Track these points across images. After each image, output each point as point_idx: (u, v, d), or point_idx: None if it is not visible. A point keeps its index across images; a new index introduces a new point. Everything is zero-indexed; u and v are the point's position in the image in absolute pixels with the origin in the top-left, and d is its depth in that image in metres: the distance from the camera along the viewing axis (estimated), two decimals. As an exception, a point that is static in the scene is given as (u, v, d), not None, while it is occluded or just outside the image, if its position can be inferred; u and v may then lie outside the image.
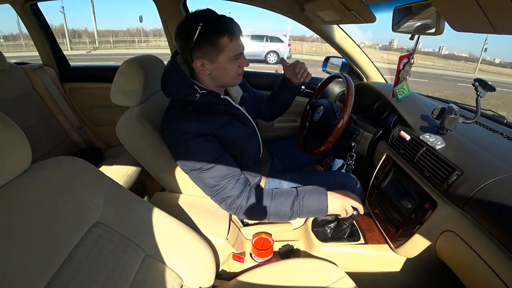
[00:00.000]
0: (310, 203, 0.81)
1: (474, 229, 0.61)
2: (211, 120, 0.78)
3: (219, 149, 0.79)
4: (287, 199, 0.81)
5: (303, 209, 0.81)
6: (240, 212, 0.80)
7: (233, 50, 0.75)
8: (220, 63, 0.76)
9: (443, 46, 35.56)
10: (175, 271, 0.67)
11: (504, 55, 49.63)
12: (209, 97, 0.79)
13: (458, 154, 0.72)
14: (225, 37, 0.72)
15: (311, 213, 0.84)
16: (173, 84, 0.79)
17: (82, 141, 1.66)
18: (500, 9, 0.40)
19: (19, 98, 1.38)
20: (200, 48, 0.73)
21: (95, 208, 0.57)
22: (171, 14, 1.43)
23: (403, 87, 1.01)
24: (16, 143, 0.47)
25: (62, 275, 0.47)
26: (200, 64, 0.75)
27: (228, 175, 0.78)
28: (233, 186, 0.78)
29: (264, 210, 0.81)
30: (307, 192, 0.83)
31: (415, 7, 0.84)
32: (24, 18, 1.49)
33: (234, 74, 0.80)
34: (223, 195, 0.79)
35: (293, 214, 0.81)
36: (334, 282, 0.74)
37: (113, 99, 0.89)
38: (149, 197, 1.58)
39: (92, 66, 1.80)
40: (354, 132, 1.03)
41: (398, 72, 0.97)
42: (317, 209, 0.82)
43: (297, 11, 1.26)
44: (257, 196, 0.81)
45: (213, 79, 0.80)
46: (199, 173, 0.77)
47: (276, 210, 0.81)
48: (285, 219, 0.84)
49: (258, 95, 1.14)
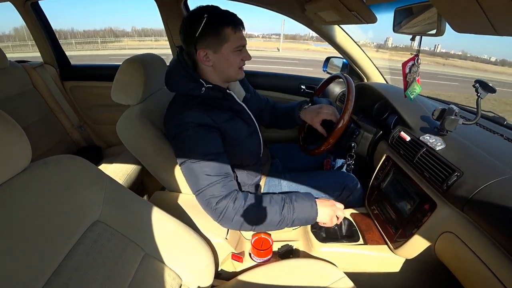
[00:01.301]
0: (300, 208, 0.77)
1: (474, 231, 0.61)
2: (216, 113, 0.78)
3: (219, 145, 0.78)
4: (276, 203, 0.77)
5: (294, 213, 0.76)
6: (225, 216, 0.74)
7: (236, 40, 0.76)
8: (224, 54, 0.77)
9: (438, 44, 35.65)
10: (174, 271, 0.67)
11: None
12: (214, 92, 0.79)
13: (458, 155, 0.72)
14: (229, 28, 0.74)
15: (300, 219, 0.78)
16: (179, 78, 0.79)
17: (82, 139, 1.66)
18: (501, 10, 0.39)
19: (19, 97, 1.38)
20: (204, 38, 0.74)
21: (95, 207, 0.58)
22: (172, 14, 1.43)
23: (414, 87, 1.00)
24: (16, 141, 0.47)
25: (61, 274, 0.47)
26: (203, 54, 0.76)
27: (220, 174, 0.75)
28: (222, 187, 0.74)
29: (252, 214, 0.75)
30: (298, 197, 0.80)
31: (416, 8, 0.84)
32: (25, 16, 1.49)
33: (236, 67, 0.80)
34: (209, 192, 0.73)
35: (283, 220, 0.76)
36: (333, 282, 0.74)
37: (114, 98, 0.89)
38: (149, 196, 1.58)
39: (92, 65, 1.81)
40: (354, 132, 1.03)
41: (405, 77, 0.96)
42: (307, 215, 0.78)
43: (298, 11, 1.26)
44: (245, 198, 0.76)
45: (216, 71, 0.81)
46: (192, 163, 0.74)
47: (265, 214, 0.75)
48: (273, 226, 0.77)
49: (261, 98, 1.13)
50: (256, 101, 1.06)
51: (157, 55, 1.00)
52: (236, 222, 0.75)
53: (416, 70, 0.97)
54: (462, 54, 34.88)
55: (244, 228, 0.76)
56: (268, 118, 1.15)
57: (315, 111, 0.98)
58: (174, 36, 1.52)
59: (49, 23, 1.61)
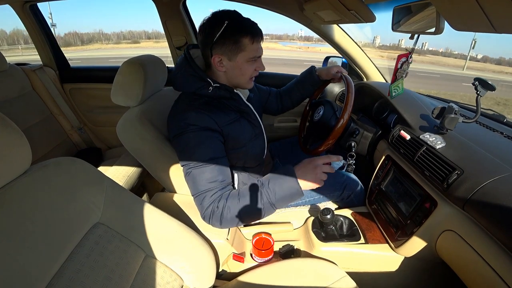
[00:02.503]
0: (279, 187, 0.72)
1: (475, 228, 0.61)
2: (220, 116, 0.78)
3: (219, 149, 0.78)
4: (254, 192, 0.73)
5: (275, 194, 0.71)
6: (214, 219, 0.72)
7: (252, 51, 0.76)
8: (238, 62, 0.77)
9: (425, 42, 35.76)
10: (175, 272, 0.67)
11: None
12: (221, 91, 0.79)
13: (458, 154, 0.72)
14: (248, 38, 0.74)
15: (286, 198, 0.72)
16: (185, 76, 0.79)
17: (82, 141, 1.66)
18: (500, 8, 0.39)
19: (19, 99, 1.38)
20: (221, 45, 0.74)
21: (95, 209, 0.57)
22: (171, 15, 1.43)
23: (398, 85, 1.02)
24: (16, 144, 0.47)
25: (63, 276, 0.47)
26: (218, 60, 0.76)
27: (217, 180, 0.73)
28: (215, 193, 0.73)
29: (236, 212, 0.72)
30: (272, 178, 0.74)
31: (415, 7, 0.84)
32: (24, 19, 1.49)
33: (248, 76, 0.81)
34: (202, 197, 0.73)
35: (266, 206, 0.72)
36: (334, 282, 0.74)
37: (114, 99, 0.89)
38: (149, 197, 1.58)
39: (92, 67, 1.81)
40: (354, 131, 1.03)
41: (396, 70, 0.98)
42: (290, 191, 0.72)
43: (297, 11, 1.26)
44: (226, 198, 0.73)
45: (227, 77, 0.81)
46: (190, 167, 0.74)
47: (248, 207, 0.72)
48: (260, 215, 0.73)
49: (263, 90, 1.14)
50: (258, 98, 1.06)
51: (157, 56, 1.00)
52: (225, 222, 0.73)
53: (407, 68, 0.98)
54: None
55: (235, 224, 0.75)
56: (275, 105, 1.17)
57: (329, 67, 1.10)
58: (173, 37, 1.52)
59: (48, 25, 1.61)
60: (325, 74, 1.09)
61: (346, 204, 1.04)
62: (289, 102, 1.18)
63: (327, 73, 1.08)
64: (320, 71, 1.11)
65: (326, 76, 1.09)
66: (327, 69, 1.09)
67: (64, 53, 1.72)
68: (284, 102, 1.18)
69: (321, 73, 1.10)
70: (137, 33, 36.61)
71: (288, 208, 1.02)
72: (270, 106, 1.16)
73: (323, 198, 1.03)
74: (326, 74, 1.08)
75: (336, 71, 1.06)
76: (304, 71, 1.16)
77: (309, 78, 1.12)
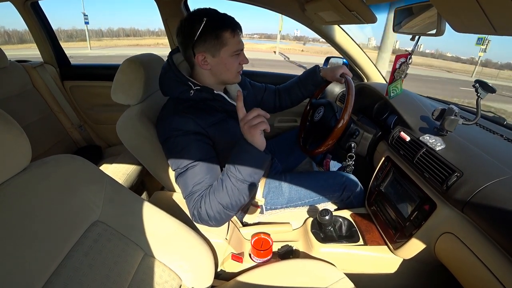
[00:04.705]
0: (238, 160, 0.68)
1: (474, 231, 0.61)
2: (203, 117, 0.77)
3: (206, 152, 0.75)
4: (222, 179, 0.70)
5: (239, 170, 0.67)
6: (202, 218, 0.71)
7: (235, 45, 0.77)
8: (222, 58, 0.77)
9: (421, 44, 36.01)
10: (174, 271, 0.67)
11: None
12: (203, 94, 0.79)
13: (458, 156, 0.72)
14: (228, 32, 0.74)
15: (251, 165, 0.67)
16: (169, 82, 0.80)
17: (82, 139, 1.66)
18: (501, 9, 0.39)
19: (19, 96, 1.38)
20: (203, 42, 0.74)
21: (95, 207, 0.57)
22: (172, 14, 1.43)
23: (397, 85, 1.02)
24: (16, 141, 0.47)
25: (61, 274, 0.47)
26: (202, 58, 0.76)
27: (203, 181, 0.72)
28: (200, 193, 0.72)
29: (215, 203, 0.69)
30: (231, 158, 0.69)
31: (416, 8, 0.84)
32: (25, 16, 1.49)
33: (235, 71, 0.81)
34: (191, 198, 0.72)
35: (238, 185, 0.67)
36: (333, 283, 0.73)
37: (114, 97, 0.89)
38: (149, 196, 1.58)
39: (92, 65, 1.80)
40: (354, 132, 1.03)
41: (394, 70, 0.98)
42: (248, 156, 0.67)
43: (298, 11, 1.26)
44: (204, 196, 0.71)
45: (214, 74, 0.81)
46: (179, 172, 0.73)
47: (225, 195, 0.68)
48: (238, 197, 0.69)
49: (258, 87, 1.13)
50: (253, 96, 1.05)
51: (157, 54, 1.00)
52: (214, 219, 0.71)
53: (405, 69, 0.98)
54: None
55: (225, 217, 0.72)
56: (272, 103, 1.16)
57: (334, 68, 1.07)
58: (174, 36, 1.52)
59: (49, 22, 1.61)
60: (330, 76, 1.07)
61: (345, 205, 1.04)
62: (288, 101, 1.17)
63: (332, 75, 1.06)
64: (325, 72, 1.09)
65: (331, 78, 1.07)
66: (332, 70, 1.07)
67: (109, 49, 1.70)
68: (282, 100, 1.17)
69: (326, 74, 1.09)
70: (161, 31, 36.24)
71: (288, 208, 1.02)
72: (266, 103, 1.15)
73: (323, 199, 1.03)
74: (331, 76, 1.07)
75: (341, 73, 1.04)
76: (307, 70, 1.15)
77: (312, 77, 1.12)
